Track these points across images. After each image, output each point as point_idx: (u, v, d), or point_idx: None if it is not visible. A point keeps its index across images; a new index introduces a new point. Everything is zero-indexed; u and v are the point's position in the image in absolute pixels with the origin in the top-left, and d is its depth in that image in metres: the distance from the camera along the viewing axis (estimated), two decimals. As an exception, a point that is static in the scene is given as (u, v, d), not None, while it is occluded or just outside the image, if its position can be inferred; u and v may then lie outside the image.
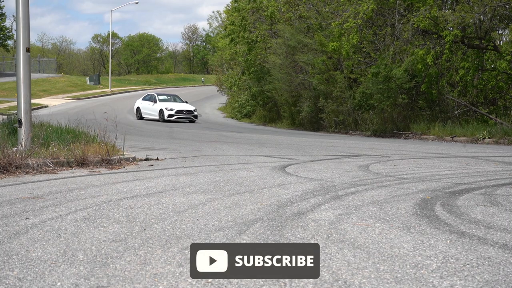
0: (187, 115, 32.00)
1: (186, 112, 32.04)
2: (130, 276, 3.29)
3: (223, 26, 52.37)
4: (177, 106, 32.47)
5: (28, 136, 10.10)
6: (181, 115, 31.89)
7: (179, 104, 33.07)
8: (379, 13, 24.29)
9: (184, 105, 32.84)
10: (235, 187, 6.90)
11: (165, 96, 34.62)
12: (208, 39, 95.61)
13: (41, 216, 5.11)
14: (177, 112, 31.84)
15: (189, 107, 32.73)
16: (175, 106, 32.37)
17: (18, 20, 10.38)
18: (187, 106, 32.90)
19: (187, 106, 32.78)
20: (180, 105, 32.84)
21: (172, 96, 34.83)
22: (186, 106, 32.68)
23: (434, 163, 10.28)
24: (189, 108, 32.61)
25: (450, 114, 22.59)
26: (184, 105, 32.81)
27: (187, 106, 32.73)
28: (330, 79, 27.17)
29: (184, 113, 31.96)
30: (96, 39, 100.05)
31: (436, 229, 4.40)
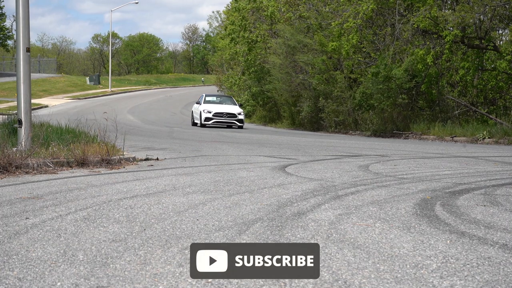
0: (228, 118, 26.90)
1: (227, 115, 26.92)
2: (130, 276, 3.29)
3: (223, 26, 52.39)
4: (218, 108, 27.29)
5: (28, 136, 10.10)
6: (220, 118, 26.89)
7: (223, 106, 27.78)
8: (379, 13, 24.29)
9: (228, 108, 27.52)
10: (235, 187, 6.90)
11: (214, 97, 29.69)
12: (208, 39, 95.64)
13: (41, 216, 5.11)
14: (215, 115, 26.85)
15: (233, 109, 27.37)
16: (216, 108, 27.27)
17: (18, 20, 10.38)
18: (231, 108, 27.54)
19: (231, 109, 27.44)
20: (224, 107, 27.57)
21: (224, 98, 29.87)
22: (230, 109, 27.38)
23: (434, 163, 10.28)
24: (232, 110, 27.26)
25: (450, 114, 22.58)
26: (228, 108, 27.51)
27: (230, 109, 27.42)
28: (330, 79, 27.16)
29: (225, 117, 26.88)
30: (96, 39, 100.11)
31: (436, 229, 4.40)
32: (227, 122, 26.83)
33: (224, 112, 26.98)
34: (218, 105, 27.62)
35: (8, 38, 66.38)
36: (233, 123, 26.83)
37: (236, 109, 27.50)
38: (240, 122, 27.04)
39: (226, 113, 26.89)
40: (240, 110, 27.71)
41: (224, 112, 26.94)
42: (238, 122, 26.93)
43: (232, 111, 27.20)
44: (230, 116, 26.96)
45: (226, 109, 27.29)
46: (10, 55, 68.93)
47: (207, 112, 26.88)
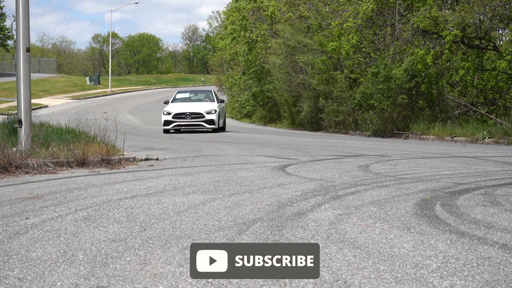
0: (192, 120, 21.47)
1: (191, 116, 21.44)
2: (130, 276, 3.29)
3: (223, 26, 52.41)
4: (182, 108, 21.97)
5: (28, 136, 10.10)
6: (183, 120, 21.55)
7: (191, 104, 22.47)
8: (379, 13, 24.29)
9: (197, 106, 22.18)
10: (235, 187, 6.90)
11: (187, 93, 24.12)
12: (208, 39, 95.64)
13: (41, 216, 5.11)
14: (176, 117, 21.52)
15: (201, 108, 21.90)
16: (179, 108, 21.94)
17: (18, 20, 10.38)
18: (199, 106, 22.11)
19: (199, 107, 21.99)
20: (191, 106, 22.27)
21: (201, 94, 24.08)
22: (197, 107, 21.96)
23: (434, 163, 10.28)
24: (199, 109, 21.76)
25: (450, 114, 22.58)
26: (196, 106, 22.18)
27: (198, 107, 21.97)
28: (330, 79, 27.18)
29: (188, 118, 21.48)
30: (96, 39, 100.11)
31: (436, 229, 4.40)
32: (191, 125, 21.47)
33: (186, 112, 21.45)
34: (187, 104, 22.33)
35: (8, 38, 66.37)
36: (199, 125, 21.39)
37: (207, 107, 21.83)
38: (210, 123, 21.36)
39: (189, 113, 21.35)
40: (213, 107, 21.75)
41: (187, 112, 21.41)
42: (206, 123, 21.37)
43: (199, 109, 21.54)
44: (196, 117, 21.43)
45: (192, 108, 21.75)
46: (10, 55, 68.92)
47: (167, 114, 21.59)
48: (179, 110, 21.67)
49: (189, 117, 21.44)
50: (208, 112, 21.61)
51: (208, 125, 21.50)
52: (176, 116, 21.53)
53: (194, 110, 21.65)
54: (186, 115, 21.46)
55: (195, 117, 21.49)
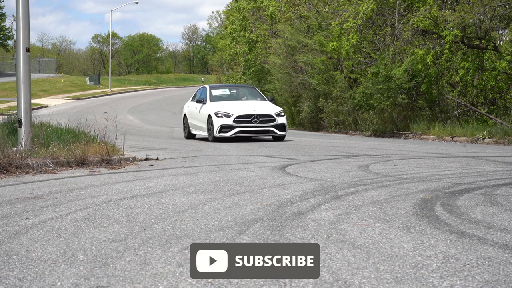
0: (262, 124, 16.26)
1: (259, 118, 16.22)
2: (130, 276, 3.29)
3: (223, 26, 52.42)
4: (240, 108, 16.59)
5: (28, 136, 10.10)
6: (248, 125, 16.22)
7: (245, 103, 17.10)
8: (379, 13, 24.29)
9: (257, 105, 16.85)
10: (235, 187, 6.90)
11: (226, 89, 18.85)
12: (208, 39, 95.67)
13: (41, 216, 5.11)
14: (239, 120, 16.20)
15: (265, 108, 16.68)
16: (236, 108, 16.56)
17: (18, 20, 10.38)
18: (262, 106, 16.83)
19: (262, 107, 16.75)
20: (248, 105, 16.89)
21: (242, 89, 18.91)
22: (260, 107, 16.71)
23: (434, 163, 10.28)
24: (265, 109, 16.56)
25: (450, 114, 22.58)
26: (255, 105, 16.83)
27: (261, 107, 16.72)
28: (330, 79, 27.19)
29: (255, 121, 16.18)
30: (96, 39, 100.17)
31: (436, 229, 4.40)
32: (259, 131, 16.28)
33: (253, 114, 16.18)
34: (237, 103, 17.07)
35: (8, 38, 66.40)
36: (269, 131, 16.29)
37: (271, 107, 16.75)
38: (281, 129, 16.42)
39: (256, 116, 16.15)
40: (278, 108, 16.99)
41: (254, 115, 16.15)
42: (277, 129, 16.30)
43: (266, 110, 16.43)
44: (265, 120, 16.26)
45: (254, 107, 16.57)
46: (10, 55, 68.93)
47: (223, 116, 16.18)
48: (240, 110, 16.23)
49: (257, 120, 16.05)
50: (278, 114, 16.46)
51: (279, 131, 16.28)
52: (239, 119, 16.07)
53: (261, 111, 16.28)
54: (253, 117, 16.05)
55: (264, 120, 16.18)
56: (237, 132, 16.20)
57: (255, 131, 16.33)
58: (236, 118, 16.24)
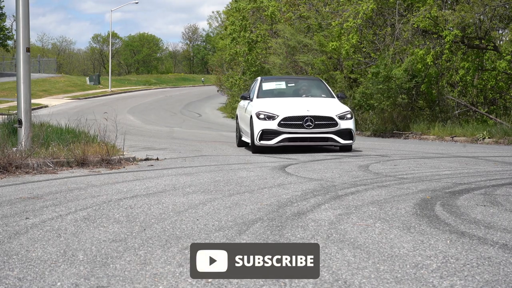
0: (316, 130, 12.29)
1: (314, 121, 12.26)
2: (130, 276, 3.29)
3: (223, 26, 52.43)
4: (290, 106, 12.68)
5: (28, 136, 10.10)
6: (298, 130, 12.27)
7: (301, 101, 13.18)
8: (379, 13, 24.29)
9: (314, 104, 12.88)
10: (235, 187, 6.90)
11: (282, 82, 14.71)
12: (208, 39, 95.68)
13: (41, 216, 5.11)
14: (285, 123, 12.27)
15: (325, 107, 12.73)
16: (284, 106, 12.66)
17: (18, 20, 10.38)
18: (321, 104, 12.87)
19: (321, 106, 12.79)
20: (304, 103, 12.95)
21: (303, 82, 14.79)
22: (317, 106, 12.73)
23: (434, 163, 10.28)
24: (324, 109, 12.62)
25: (450, 114, 22.58)
26: (312, 103, 12.86)
27: (319, 106, 12.76)
28: (330, 79, 27.18)
29: (307, 125, 12.23)
30: (96, 39, 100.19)
31: (436, 229, 4.40)
32: (314, 138, 12.28)
33: (306, 115, 12.23)
34: (290, 100, 13.13)
35: (8, 38, 66.39)
36: (328, 139, 12.29)
37: (334, 107, 12.73)
38: (346, 136, 12.41)
39: (310, 118, 12.21)
40: (344, 108, 12.84)
41: (307, 117, 12.20)
42: (339, 136, 12.32)
43: (325, 111, 12.45)
44: (322, 125, 12.27)
45: (311, 106, 12.56)
46: (10, 55, 68.92)
47: (266, 118, 12.29)
48: (289, 110, 12.24)
49: (310, 124, 12.06)
50: (342, 116, 12.34)
51: (343, 139, 12.27)
52: (287, 122, 12.11)
53: (318, 111, 12.25)
54: (305, 120, 12.05)
55: (321, 125, 12.16)
56: (283, 140, 12.07)
57: (308, 138, 12.13)
58: (283, 121, 12.08)
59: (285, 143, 12.27)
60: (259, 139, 12.26)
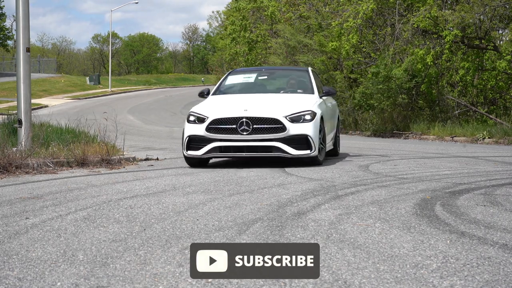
0: (257, 136, 9.09)
1: (250, 124, 9.05)
2: (130, 276, 3.29)
3: (223, 26, 52.44)
4: (232, 105, 9.62)
5: (28, 136, 10.10)
6: (228, 136, 9.17)
7: (261, 98, 10.04)
8: (379, 13, 24.29)
9: (273, 101, 9.74)
10: (235, 187, 6.90)
11: (250, 74, 11.55)
12: (208, 39, 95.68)
13: (41, 216, 5.11)
14: (212, 128, 9.22)
15: (280, 108, 9.33)
16: (226, 105, 9.65)
17: (18, 20, 10.38)
18: (280, 103, 9.60)
19: (271, 106, 9.44)
20: (258, 100, 9.84)
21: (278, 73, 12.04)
22: (266, 105, 9.47)
23: (434, 163, 10.28)
24: (276, 110, 9.23)
25: (450, 114, 22.59)
26: (270, 101, 9.75)
27: (268, 105, 9.46)
28: (330, 79, 27.18)
29: (245, 132, 9.07)
30: (96, 39, 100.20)
31: (436, 229, 4.40)
32: (253, 148, 9.20)
33: (241, 117, 9.20)
34: (245, 97, 10.19)
35: (8, 38, 66.37)
36: (272, 148, 9.15)
37: (292, 104, 9.63)
38: (298, 144, 9.20)
39: (246, 120, 9.16)
40: (307, 106, 9.53)
41: (243, 118, 9.19)
42: (288, 145, 9.14)
43: (271, 111, 9.31)
44: (262, 129, 9.17)
45: (256, 106, 9.51)
46: (10, 55, 68.92)
47: (197, 121, 9.46)
48: (223, 111, 9.39)
49: (247, 129, 9.12)
50: (295, 118, 9.22)
51: (295, 149, 9.14)
52: (217, 125, 9.26)
53: (258, 111, 9.25)
54: (241, 123, 9.13)
55: (262, 129, 9.14)
56: (212, 150, 9.21)
57: (244, 148, 9.16)
58: (212, 124, 9.18)
59: (215, 154, 9.30)
60: (187, 148, 9.42)
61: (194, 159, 9.56)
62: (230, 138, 9.18)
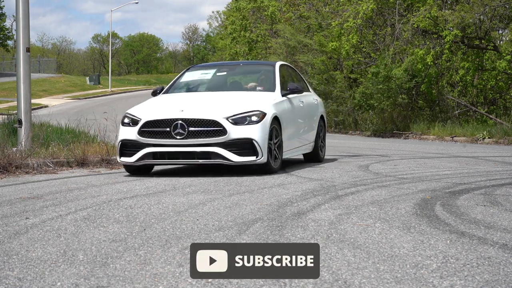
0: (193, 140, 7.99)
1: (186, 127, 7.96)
2: (130, 276, 3.29)
3: (223, 26, 52.46)
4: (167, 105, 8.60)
5: (28, 136, 10.11)
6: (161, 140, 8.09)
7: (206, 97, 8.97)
8: (379, 13, 24.30)
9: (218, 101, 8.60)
10: (235, 187, 6.90)
11: (209, 70, 10.25)
12: (208, 39, 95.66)
13: (41, 216, 5.11)
14: (145, 132, 8.18)
15: (218, 109, 8.18)
16: (161, 106, 8.64)
17: (18, 20, 10.38)
18: (216, 103, 8.46)
19: (212, 106, 8.35)
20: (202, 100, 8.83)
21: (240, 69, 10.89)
22: (206, 105, 8.40)
23: (434, 163, 10.28)
24: (211, 112, 8.08)
25: (450, 114, 22.59)
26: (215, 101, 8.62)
27: (209, 105, 8.38)
28: (330, 79, 27.19)
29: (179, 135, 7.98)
30: (96, 39, 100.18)
31: (436, 229, 4.40)
32: (187, 154, 8.09)
33: (177, 118, 8.09)
34: (191, 96, 9.21)
35: (8, 38, 66.34)
36: (211, 154, 8.01)
37: (240, 104, 8.40)
38: (243, 149, 8.06)
39: (182, 121, 8.04)
40: (256, 105, 8.32)
41: (178, 120, 8.07)
42: (228, 149, 8.01)
43: (209, 111, 8.18)
44: (199, 132, 8.02)
45: (196, 104, 8.59)
46: (10, 55, 68.92)
47: (131, 123, 8.40)
48: (158, 112, 8.36)
49: (181, 132, 8.07)
50: (238, 120, 8.14)
51: (238, 155, 8.07)
52: (150, 128, 8.26)
53: (195, 112, 8.19)
54: (176, 125, 8.08)
55: (199, 132, 8.08)
56: (145, 157, 8.17)
57: (179, 154, 8.09)
58: (144, 127, 8.18)
59: (148, 162, 8.23)
60: (120, 154, 8.40)
61: (132, 167, 8.49)
62: (164, 143, 8.09)
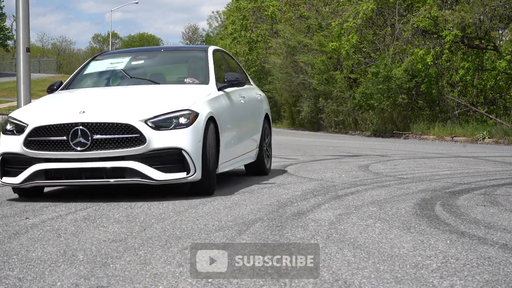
0: (101, 152, 5.64)
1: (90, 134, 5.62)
2: (130, 276, 3.29)
3: (223, 26, 52.46)
4: (64, 105, 6.29)
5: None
6: (58, 153, 5.68)
7: (123, 93, 6.71)
8: (379, 13, 24.30)
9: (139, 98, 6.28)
10: (234, 186, 6.90)
11: (123, 58, 7.79)
12: (208, 39, 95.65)
13: (41, 216, 5.11)
14: (33, 142, 5.76)
15: (134, 109, 5.83)
16: (55, 106, 6.25)
17: (18, 20, 10.39)
18: (131, 102, 6.11)
19: (125, 105, 6.01)
20: (116, 96, 6.50)
21: (162, 56, 8.29)
22: (118, 104, 6.04)
23: (434, 163, 10.28)
24: (124, 114, 5.72)
25: (450, 114, 22.59)
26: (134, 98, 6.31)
27: (121, 105, 6.03)
28: (330, 79, 27.20)
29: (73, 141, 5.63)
30: (96, 39, 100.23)
31: (436, 229, 4.40)
32: (91, 172, 5.77)
33: (76, 122, 5.71)
34: (97, 92, 6.98)
35: (8, 38, 66.32)
36: (125, 171, 5.72)
37: (161, 103, 6.04)
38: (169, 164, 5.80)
39: (82, 127, 5.67)
40: (188, 102, 6.02)
41: (78, 124, 5.70)
42: (148, 164, 5.70)
43: (120, 112, 5.81)
44: (107, 140, 5.66)
45: (103, 103, 6.23)
46: (10, 55, 68.90)
47: (15, 131, 5.95)
48: (50, 116, 5.94)
49: (85, 142, 5.68)
50: (159, 123, 5.81)
51: (161, 171, 5.78)
52: (40, 137, 5.83)
53: (103, 115, 5.81)
54: (75, 132, 5.69)
55: (107, 142, 5.70)
56: (35, 176, 5.90)
57: (81, 171, 5.84)
58: (32, 136, 5.90)
59: (40, 183, 6.00)
60: (1, 174, 6.10)
61: (20, 189, 6.16)
62: (60, 157, 5.78)
